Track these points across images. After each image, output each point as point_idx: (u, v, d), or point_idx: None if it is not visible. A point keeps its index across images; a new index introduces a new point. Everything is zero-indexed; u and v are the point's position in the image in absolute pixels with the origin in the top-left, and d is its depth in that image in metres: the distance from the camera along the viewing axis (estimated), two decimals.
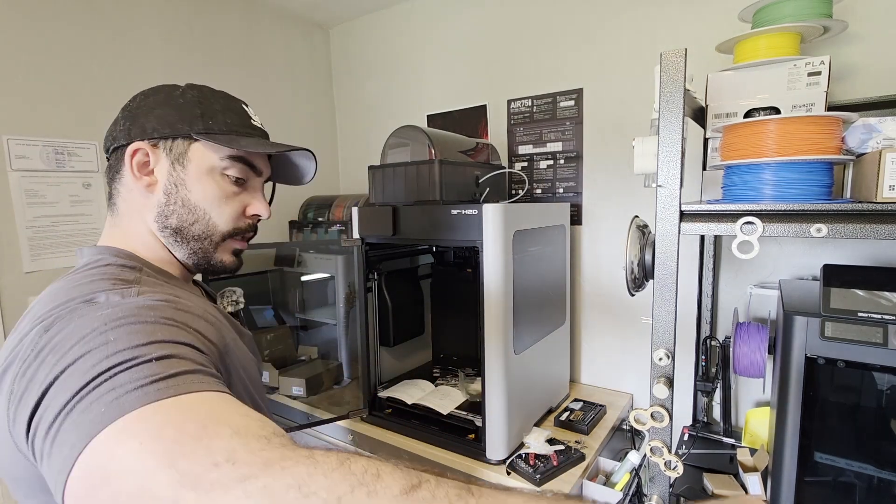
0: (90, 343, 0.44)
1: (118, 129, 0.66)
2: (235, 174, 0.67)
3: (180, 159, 0.64)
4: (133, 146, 0.63)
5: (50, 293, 0.56)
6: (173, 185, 0.65)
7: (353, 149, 2.39)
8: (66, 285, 0.55)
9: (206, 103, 0.66)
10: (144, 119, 0.64)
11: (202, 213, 0.66)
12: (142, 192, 0.65)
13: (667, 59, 0.79)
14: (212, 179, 0.66)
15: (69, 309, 0.49)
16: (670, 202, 0.82)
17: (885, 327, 0.80)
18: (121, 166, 0.65)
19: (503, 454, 1.24)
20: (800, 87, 1.05)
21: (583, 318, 1.75)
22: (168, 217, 0.65)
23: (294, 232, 2.14)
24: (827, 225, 0.74)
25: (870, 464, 0.88)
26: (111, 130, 0.67)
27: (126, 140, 0.64)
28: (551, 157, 1.75)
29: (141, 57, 1.66)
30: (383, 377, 1.63)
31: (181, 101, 0.65)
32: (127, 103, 0.68)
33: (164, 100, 0.65)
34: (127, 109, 0.67)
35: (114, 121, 0.67)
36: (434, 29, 2.00)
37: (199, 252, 0.68)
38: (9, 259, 1.39)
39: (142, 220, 0.66)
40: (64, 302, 0.51)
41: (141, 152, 0.64)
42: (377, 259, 1.55)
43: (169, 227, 0.66)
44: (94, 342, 0.44)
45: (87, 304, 0.49)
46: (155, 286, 0.58)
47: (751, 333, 1.19)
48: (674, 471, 0.87)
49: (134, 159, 0.63)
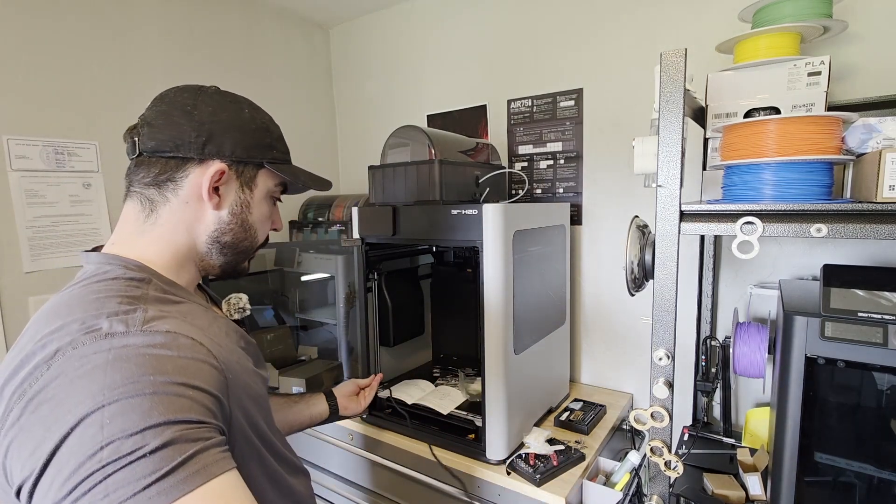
0: (87, 412, 0.44)
1: (187, 139, 0.62)
2: (279, 196, 0.74)
3: (249, 184, 0.67)
4: (217, 167, 0.63)
5: (53, 308, 0.55)
6: (239, 206, 0.67)
7: (353, 149, 2.39)
8: (71, 301, 0.55)
9: (271, 130, 0.69)
10: (221, 138, 0.63)
11: (254, 231, 0.70)
12: (201, 207, 0.64)
13: (667, 59, 0.79)
14: (266, 202, 0.71)
15: (70, 339, 0.49)
16: (670, 202, 0.82)
17: (885, 327, 0.80)
18: (181, 177, 0.63)
19: (503, 454, 1.25)
20: (800, 87, 1.05)
21: (583, 317, 1.75)
22: (224, 234, 0.67)
23: (294, 232, 2.14)
24: (827, 225, 0.74)
25: (870, 464, 0.88)
26: (174, 135, 0.62)
27: (198, 155, 0.63)
28: (551, 157, 1.75)
29: (141, 57, 1.66)
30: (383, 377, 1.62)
31: (252, 126, 0.67)
32: (185, 103, 0.63)
33: (235, 119, 0.65)
34: (192, 117, 0.63)
35: (170, 122, 0.62)
36: (434, 29, 2.00)
37: (235, 262, 0.71)
38: (9, 259, 1.39)
39: (187, 232, 0.65)
40: (67, 323, 0.50)
41: (222, 174, 0.64)
42: (377, 259, 1.55)
43: (220, 242, 0.67)
44: (91, 418, 0.44)
45: (88, 335, 0.49)
46: (161, 305, 0.57)
47: (751, 333, 1.19)
48: (674, 471, 0.87)
49: (213, 179, 0.63)
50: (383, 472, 1.45)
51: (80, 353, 0.47)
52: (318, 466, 1.64)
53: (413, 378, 1.61)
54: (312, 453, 1.65)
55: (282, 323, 1.91)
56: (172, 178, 0.63)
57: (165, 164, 0.62)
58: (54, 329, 0.50)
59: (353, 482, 1.54)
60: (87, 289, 0.56)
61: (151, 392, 0.46)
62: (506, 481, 1.19)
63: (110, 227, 1.59)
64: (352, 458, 1.53)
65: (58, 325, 0.50)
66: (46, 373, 0.47)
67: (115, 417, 0.44)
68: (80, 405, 0.44)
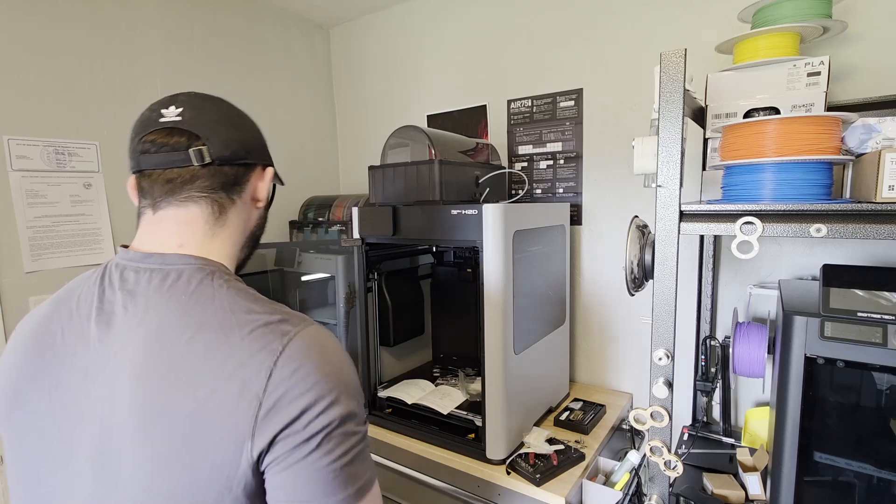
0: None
1: (253, 146, 0.68)
2: None
3: (268, 182, 0.73)
4: (270, 170, 0.72)
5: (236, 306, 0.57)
6: (267, 202, 0.73)
7: (353, 149, 2.39)
8: (245, 302, 0.57)
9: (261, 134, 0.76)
10: (260, 144, 0.71)
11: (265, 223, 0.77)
12: (252, 207, 0.71)
13: (666, 60, 0.79)
14: None
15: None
16: (670, 202, 0.83)
17: (884, 327, 0.81)
18: (246, 181, 0.68)
19: (503, 454, 1.25)
20: (799, 88, 1.05)
21: (583, 318, 1.75)
22: (260, 228, 0.74)
23: (294, 232, 2.14)
24: (826, 225, 0.74)
25: (869, 463, 0.88)
26: (243, 142, 0.67)
27: (260, 160, 0.70)
28: (551, 157, 1.76)
29: (141, 57, 1.66)
30: (383, 377, 1.63)
31: (257, 129, 0.73)
32: (230, 114, 0.68)
33: (251, 125, 0.72)
34: (239, 128, 0.68)
35: (233, 126, 0.66)
36: (434, 29, 2.00)
37: (251, 254, 0.76)
38: (9, 259, 1.39)
39: (242, 232, 0.69)
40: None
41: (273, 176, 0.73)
42: (377, 259, 1.55)
43: (255, 237, 0.73)
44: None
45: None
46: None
47: (750, 333, 1.19)
48: (673, 470, 0.87)
49: (269, 181, 0.72)
50: (383, 471, 1.45)
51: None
52: None
53: (413, 378, 1.61)
54: None
55: None
56: (239, 182, 0.67)
57: (237, 170, 0.66)
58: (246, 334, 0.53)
59: None
60: (239, 290, 0.59)
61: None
62: (506, 481, 1.19)
63: (111, 226, 1.59)
64: None
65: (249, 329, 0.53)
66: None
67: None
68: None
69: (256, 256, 1.91)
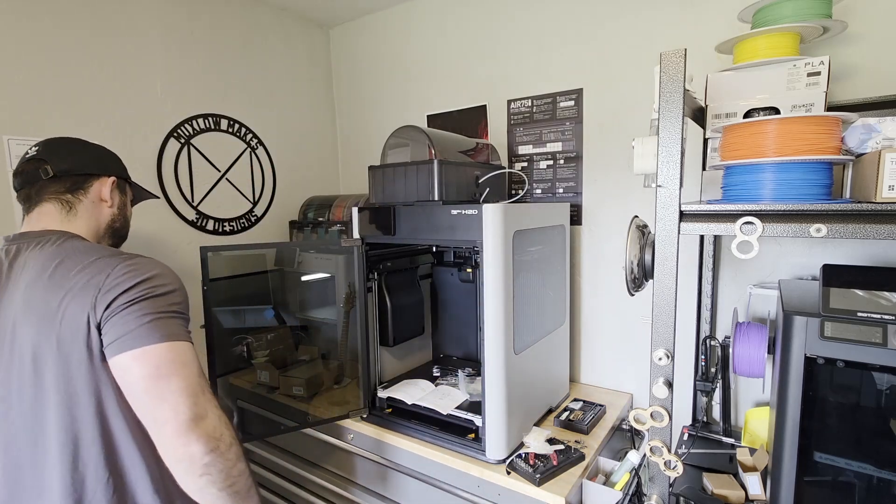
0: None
1: (90, 162, 1.00)
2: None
3: (109, 187, 1.03)
4: (111, 178, 1.03)
5: (67, 255, 0.86)
6: (120, 204, 1.05)
7: (353, 149, 2.39)
8: (75, 251, 0.88)
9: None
10: (99, 160, 1.03)
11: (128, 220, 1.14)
12: (102, 206, 1.01)
13: (666, 60, 0.79)
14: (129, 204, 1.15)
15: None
16: (670, 202, 0.83)
17: (884, 327, 0.81)
18: (88, 185, 0.99)
19: (503, 454, 1.25)
20: (799, 88, 1.05)
21: (583, 317, 1.75)
22: (117, 222, 1.05)
23: (294, 232, 2.14)
24: (826, 225, 0.74)
25: (869, 463, 0.88)
26: (81, 159, 1.00)
27: (101, 172, 1.02)
28: (551, 157, 1.76)
29: (141, 57, 1.66)
30: (383, 377, 1.63)
31: (99, 152, 1.04)
32: (71, 143, 1.02)
33: (94, 149, 1.04)
34: (78, 151, 1.00)
35: (72, 150, 0.99)
36: (434, 29, 2.00)
37: (117, 243, 1.10)
38: None
39: (96, 223, 1.00)
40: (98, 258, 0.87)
41: (114, 184, 1.04)
42: (377, 259, 1.55)
43: (113, 229, 1.04)
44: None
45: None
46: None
47: (750, 333, 1.19)
48: (673, 470, 0.87)
49: (110, 186, 1.03)
50: (383, 471, 1.45)
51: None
52: (319, 466, 1.64)
53: (413, 378, 1.61)
54: (312, 453, 1.65)
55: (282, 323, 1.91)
56: (81, 186, 0.96)
57: (76, 178, 0.95)
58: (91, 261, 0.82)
59: (353, 482, 1.55)
60: (75, 243, 0.88)
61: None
62: (506, 481, 1.19)
63: None
64: (352, 457, 1.53)
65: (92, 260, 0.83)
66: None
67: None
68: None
69: (257, 256, 1.92)
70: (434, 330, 1.87)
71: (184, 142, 1.79)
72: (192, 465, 0.74)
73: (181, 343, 0.80)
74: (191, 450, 0.73)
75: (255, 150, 2.03)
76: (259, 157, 2.05)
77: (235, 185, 1.97)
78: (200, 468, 0.74)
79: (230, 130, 1.93)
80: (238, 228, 2.00)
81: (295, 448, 1.70)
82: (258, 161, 2.05)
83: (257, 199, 2.07)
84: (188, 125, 1.80)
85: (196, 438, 0.74)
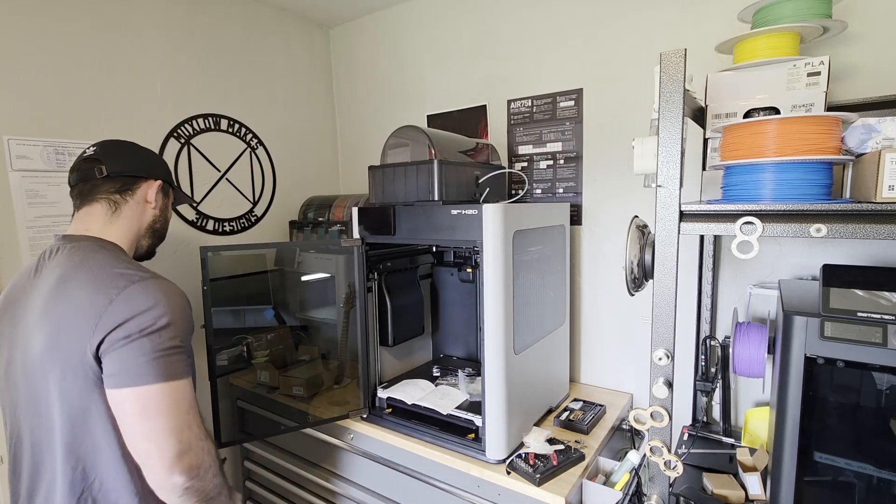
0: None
1: (140, 165, 1.08)
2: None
3: (156, 190, 1.10)
4: (157, 182, 1.10)
5: (89, 268, 0.92)
6: (162, 206, 1.13)
7: (353, 149, 2.39)
8: (97, 263, 0.94)
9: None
10: (148, 164, 1.11)
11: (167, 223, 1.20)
12: (146, 207, 1.09)
13: (666, 60, 0.79)
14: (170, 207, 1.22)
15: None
16: (670, 202, 0.83)
17: (884, 327, 0.81)
18: (136, 187, 1.07)
19: (503, 454, 1.25)
20: (799, 88, 1.05)
21: (583, 317, 1.75)
22: (157, 222, 1.12)
23: (294, 232, 2.14)
24: (826, 225, 0.74)
25: (869, 463, 0.88)
26: (132, 162, 1.08)
27: (148, 175, 1.09)
28: (551, 157, 1.76)
29: (141, 57, 1.66)
30: (383, 377, 1.63)
31: (149, 157, 1.14)
32: (125, 146, 1.09)
33: (145, 153, 1.13)
34: (130, 155, 1.09)
35: (125, 153, 1.08)
36: (434, 29, 2.00)
37: (156, 242, 1.16)
38: (9, 259, 1.39)
39: (138, 223, 1.07)
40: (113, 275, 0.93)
41: (160, 187, 1.12)
42: (377, 259, 1.55)
43: (154, 229, 1.11)
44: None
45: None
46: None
47: (750, 333, 1.19)
48: (673, 470, 0.87)
49: (156, 189, 1.11)
50: (383, 471, 1.45)
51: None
52: (319, 466, 1.64)
53: (413, 378, 1.61)
54: (312, 453, 1.65)
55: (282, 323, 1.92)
56: (130, 188, 1.03)
57: (126, 179, 1.02)
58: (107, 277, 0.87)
59: (353, 482, 1.55)
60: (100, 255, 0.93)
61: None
62: (506, 481, 1.19)
63: None
64: (352, 457, 1.53)
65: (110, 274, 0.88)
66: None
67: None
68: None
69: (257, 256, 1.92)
70: (434, 330, 1.87)
71: (184, 142, 1.79)
72: (173, 491, 0.84)
73: (175, 382, 0.85)
74: (173, 480, 0.83)
75: (255, 150, 2.03)
76: (259, 157, 2.05)
77: (235, 185, 1.97)
78: (181, 491, 0.84)
79: (230, 130, 1.93)
80: (238, 228, 2.00)
81: (295, 448, 1.70)
82: (258, 161, 2.05)
83: (257, 199, 2.07)
84: (188, 125, 1.80)
85: (179, 472, 0.83)
